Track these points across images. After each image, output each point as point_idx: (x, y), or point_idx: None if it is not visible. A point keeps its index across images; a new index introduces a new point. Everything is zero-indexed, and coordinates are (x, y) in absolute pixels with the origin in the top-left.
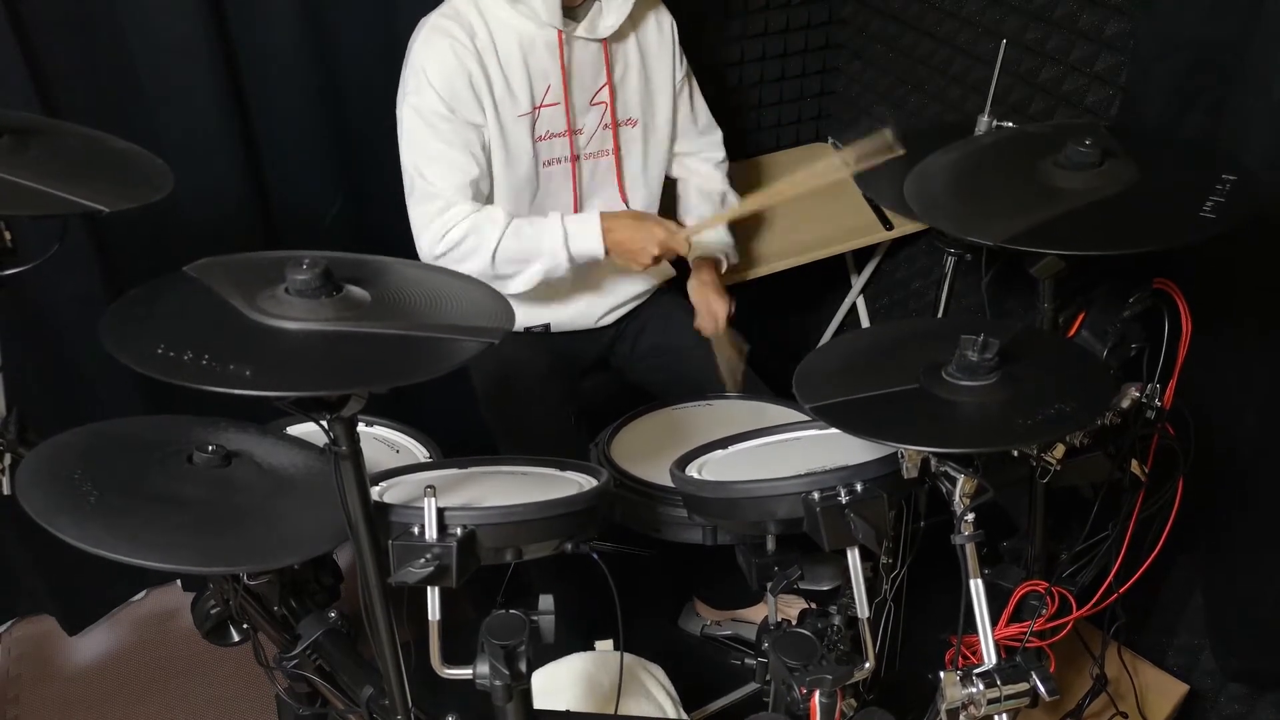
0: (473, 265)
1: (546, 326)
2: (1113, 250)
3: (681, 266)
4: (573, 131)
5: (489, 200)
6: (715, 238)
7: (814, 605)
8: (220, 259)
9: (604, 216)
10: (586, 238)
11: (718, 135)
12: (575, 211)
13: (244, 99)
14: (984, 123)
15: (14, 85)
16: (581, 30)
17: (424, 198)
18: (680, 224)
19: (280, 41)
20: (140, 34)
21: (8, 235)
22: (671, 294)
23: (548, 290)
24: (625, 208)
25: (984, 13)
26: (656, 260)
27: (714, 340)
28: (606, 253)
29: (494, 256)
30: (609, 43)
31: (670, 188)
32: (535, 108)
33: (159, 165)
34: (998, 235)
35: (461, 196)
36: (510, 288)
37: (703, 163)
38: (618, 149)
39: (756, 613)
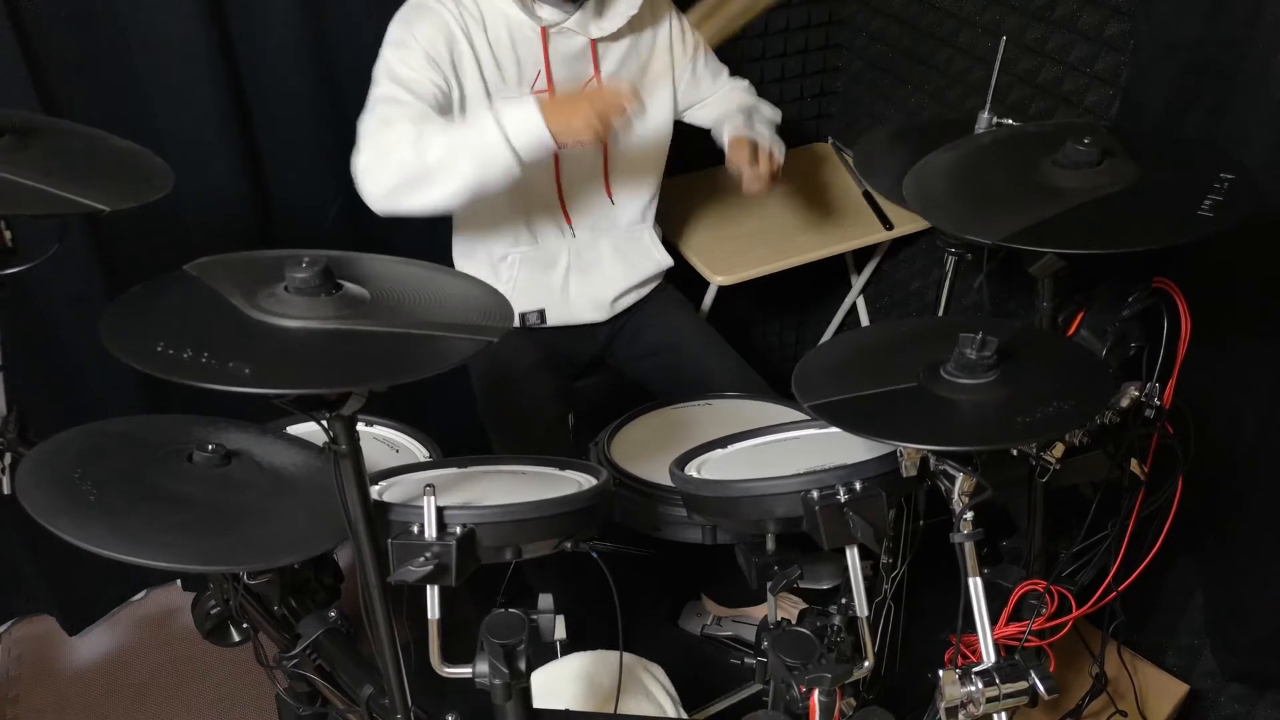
0: (399, 154)
1: (541, 313)
2: (1110, 249)
3: (680, 263)
4: None
5: None
6: (735, 130)
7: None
8: (221, 258)
9: (543, 101)
10: (521, 117)
11: (726, 71)
12: (562, 205)
13: (244, 99)
14: (984, 119)
15: (14, 85)
16: (573, 24)
17: (370, 124)
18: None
19: (280, 41)
20: (140, 34)
21: (8, 235)
22: (670, 290)
23: (544, 277)
24: (610, 201)
25: (984, 12)
26: (604, 125)
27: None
28: (554, 136)
29: (419, 138)
30: (597, 40)
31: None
32: (531, 93)
33: (159, 165)
34: (996, 234)
35: (409, 121)
36: (449, 186)
37: (728, 94)
38: (605, 143)
39: (764, 610)
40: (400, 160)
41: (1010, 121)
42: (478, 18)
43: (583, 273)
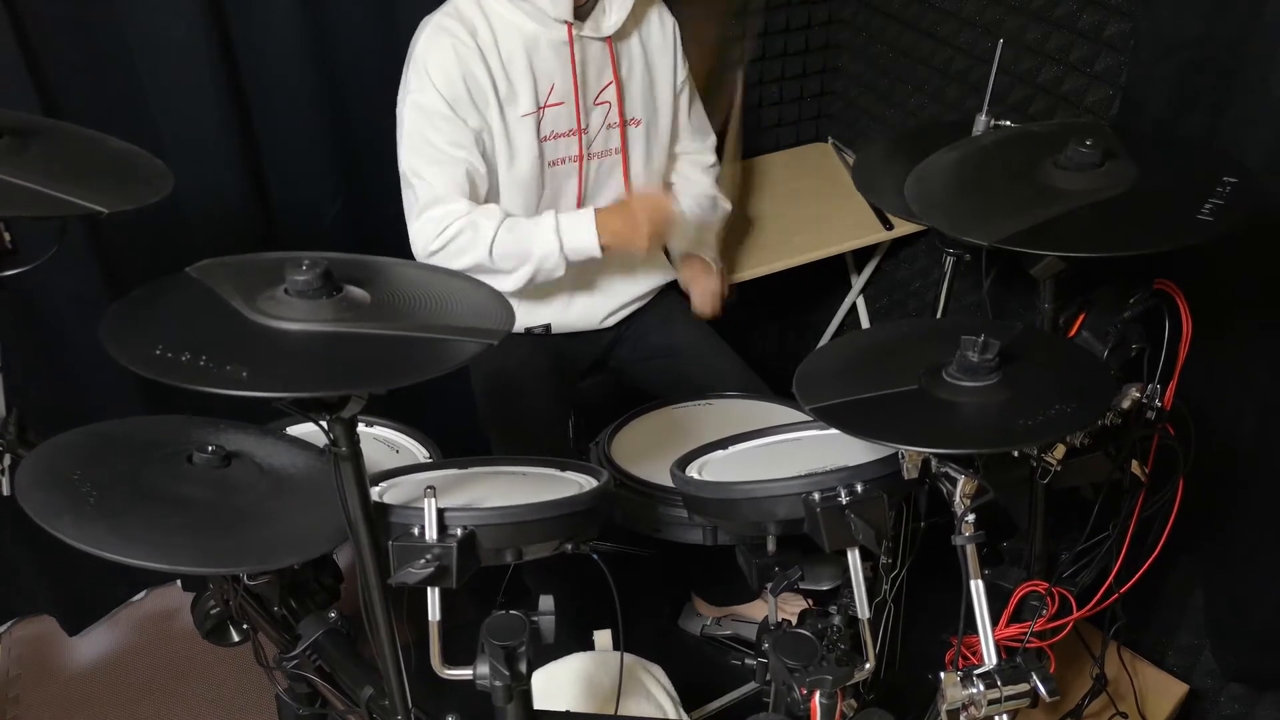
0: (468, 260)
1: (547, 327)
2: (1110, 253)
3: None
4: (582, 130)
5: (489, 202)
6: (693, 232)
7: (813, 604)
8: (223, 260)
9: (598, 213)
10: (579, 234)
11: (711, 139)
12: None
13: (244, 99)
14: (981, 121)
15: (14, 85)
16: (586, 29)
17: (419, 194)
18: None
19: (280, 41)
20: (140, 34)
21: (7, 236)
22: (673, 295)
23: (548, 290)
24: None
25: (983, 12)
26: (653, 239)
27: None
28: (604, 249)
29: (490, 250)
30: (614, 41)
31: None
32: (540, 108)
33: (158, 166)
34: (993, 236)
35: (458, 194)
36: (505, 285)
37: (694, 167)
38: (625, 148)
39: (754, 609)
40: (470, 258)
41: (1008, 124)
42: (491, 43)
43: (587, 288)
